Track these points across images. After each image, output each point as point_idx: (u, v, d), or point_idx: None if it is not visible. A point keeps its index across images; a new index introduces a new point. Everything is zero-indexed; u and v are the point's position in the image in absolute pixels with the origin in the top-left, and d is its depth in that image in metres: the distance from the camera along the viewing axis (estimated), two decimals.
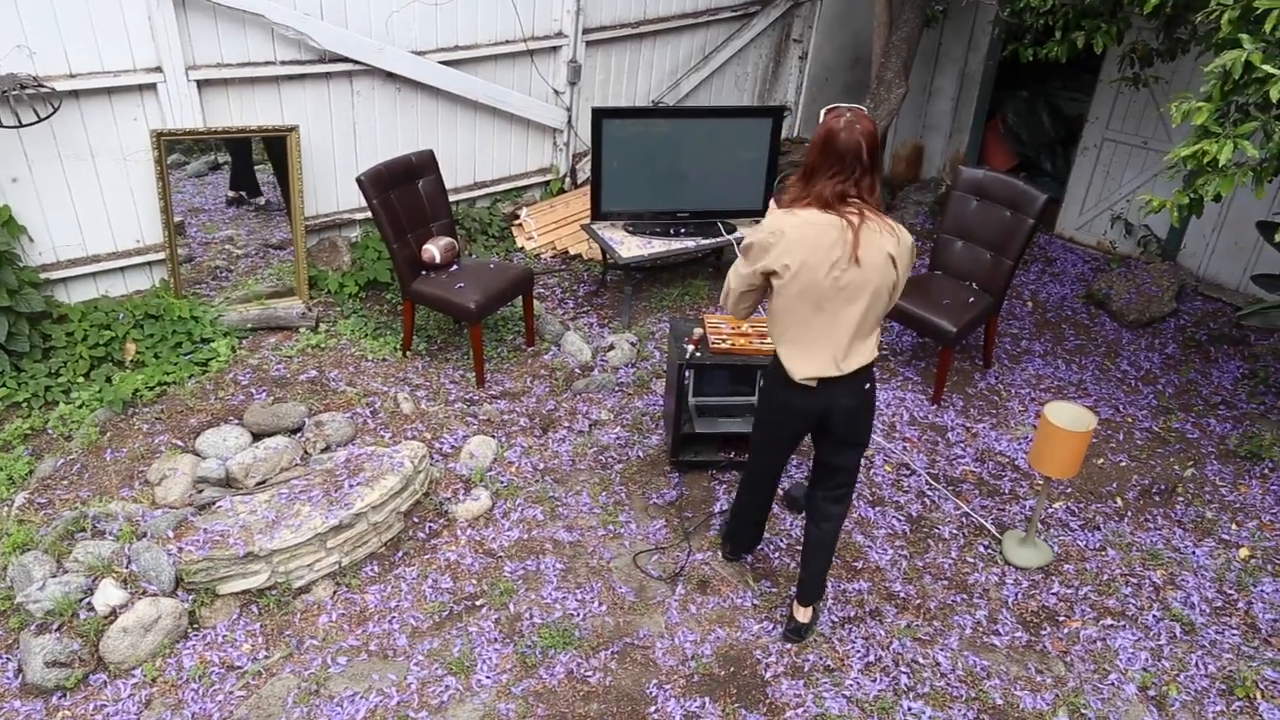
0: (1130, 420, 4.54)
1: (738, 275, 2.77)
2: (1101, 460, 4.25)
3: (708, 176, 5.13)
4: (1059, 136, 6.84)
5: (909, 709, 3.00)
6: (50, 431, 3.85)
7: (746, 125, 5.07)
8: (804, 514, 3.30)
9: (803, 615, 3.19)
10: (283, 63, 4.52)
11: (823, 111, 2.66)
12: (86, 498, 3.53)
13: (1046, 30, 4.87)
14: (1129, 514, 3.93)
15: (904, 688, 3.08)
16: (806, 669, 3.12)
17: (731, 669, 3.12)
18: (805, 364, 2.74)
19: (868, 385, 2.83)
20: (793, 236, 2.59)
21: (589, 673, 3.07)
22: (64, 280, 4.31)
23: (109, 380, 4.08)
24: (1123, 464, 4.24)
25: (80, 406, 3.95)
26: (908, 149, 7.05)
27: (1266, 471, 4.19)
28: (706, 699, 3.00)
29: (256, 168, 5.59)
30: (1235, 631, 3.37)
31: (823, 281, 2.60)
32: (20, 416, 3.89)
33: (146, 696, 2.91)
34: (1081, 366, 4.95)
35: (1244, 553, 3.72)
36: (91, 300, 4.37)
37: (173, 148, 5.04)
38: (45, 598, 2.97)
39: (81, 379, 4.07)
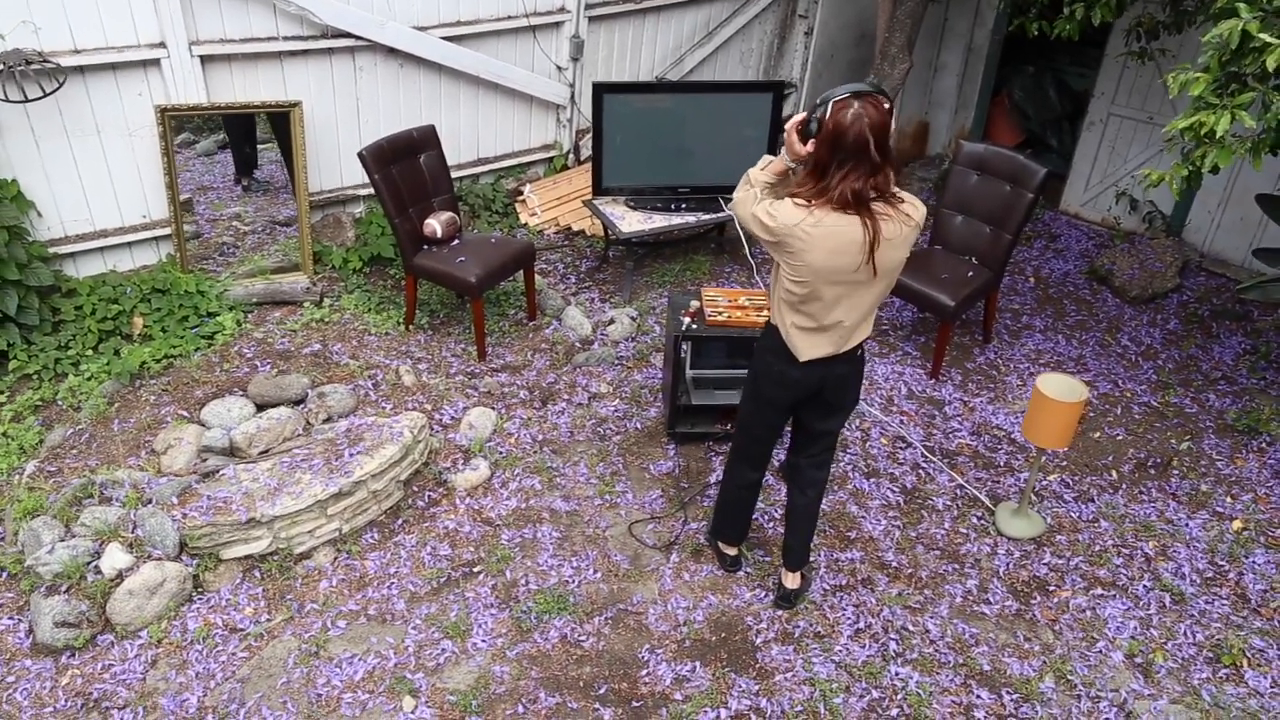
0: (1129, 395, 4.54)
1: (746, 216, 2.65)
2: (1098, 434, 4.27)
3: (709, 152, 5.14)
4: (1066, 112, 6.79)
5: (896, 673, 3.04)
6: (60, 402, 3.93)
7: (747, 100, 5.07)
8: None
9: (791, 581, 3.24)
10: (285, 38, 4.56)
11: (829, 100, 2.44)
12: (94, 466, 3.61)
13: (1053, 4, 4.84)
14: (1123, 486, 3.95)
15: (892, 653, 3.13)
16: (797, 635, 3.18)
17: (723, 634, 3.18)
18: (812, 348, 2.74)
19: (860, 351, 2.86)
20: (812, 238, 2.50)
21: (582, 637, 3.14)
22: (72, 255, 4.39)
23: (117, 353, 4.15)
24: (1119, 438, 4.25)
25: (89, 378, 4.03)
26: (913, 125, 7.03)
27: (1264, 445, 4.19)
28: (697, 663, 3.06)
29: (265, 146, 5.64)
30: (1225, 601, 3.39)
31: (839, 286, 2.59)
32: (31, 388, 3.98)
33: (152, 657, 3.00)
34: (1082, 342, 4.95)
35: (1237, 525, 3.74)
36: (100, 275, 4.44)
37: (182, 126, 5.10)
38: (54, 561, 3.05)
39: (90, 351, 4.14)
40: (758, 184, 2.68)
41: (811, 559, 3.42)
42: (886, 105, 2.44)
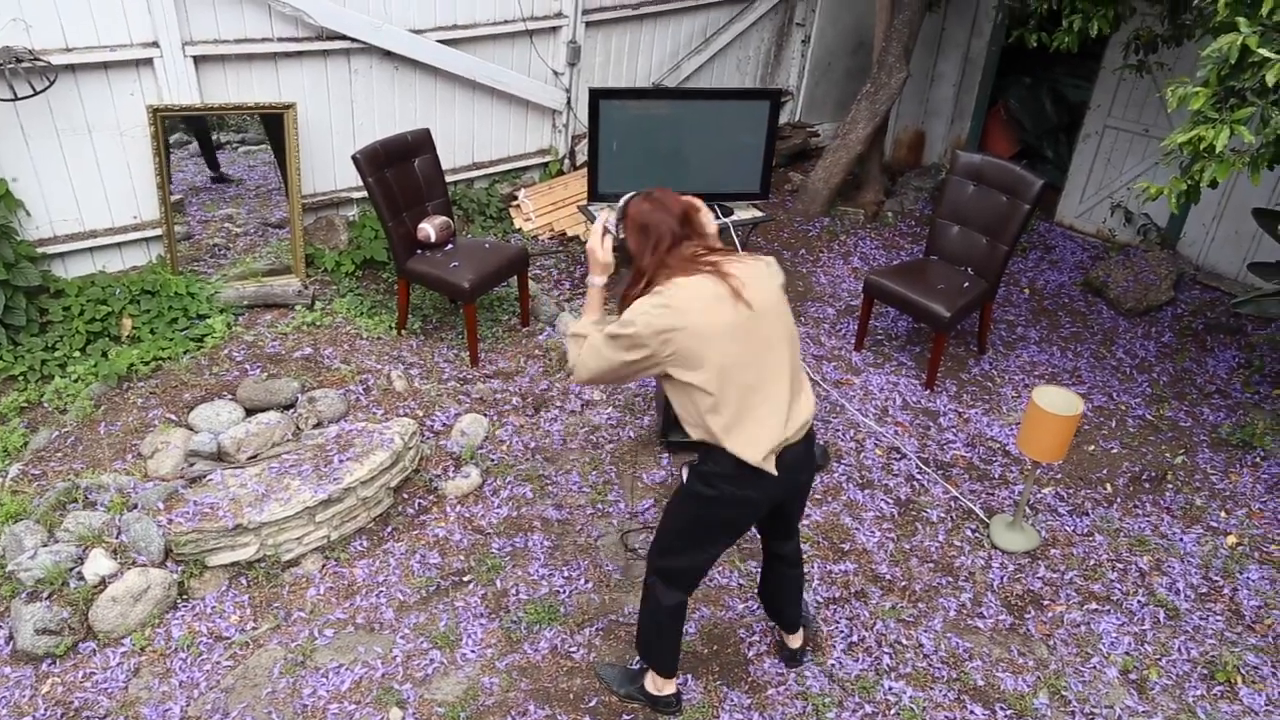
0: (1123, 408, 4.53)
1: (606, 359, 2.32)
2: (1093, 447, 4.25)
3: (705, 159, 5.10)
4: (1061, 123, 6.80)
5: (889, 688, 3.01)
6: (45, 405, 3.88)
7: (744, 107, 5.03)
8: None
9: (795, 641, 3.06)
10: (280, 40, 4.52)
11: (624, 202, 2.45)
12: (80, 470, 3.56)
13: (1052, 15, 4.84)
14: (1118, 500, 3.94)
15: (886, 668, 3.10)
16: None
17: (715, 647, 3.14)
18: (758, 439, 2.34)
19: (811, 434, 2.54)
20: (681, 309, 2.26)
21: (573, 648, 3.10)
22: (61, 255, 4.34)
23: (105, 355, 4.10)
24: (1114, 451, 4.24)
25: (76, 380, 3.97)
26: (909, 134, 7.02)
27: (1258, 460, 4.18)
28: (689, 676, 3.02)
29: (258, 147, 5.60)
30: (1219, 617, 3.38)
31: (735, 344, 2.30)
32: (16, 390, 3.92)
33: (135, 665, 2.95)
34: (1076, 354, 4.94)
35: (1231, 540, 3.72)
36: (88, 275, 4.39)
37: (175, 126, 5.05)
38: (36, 566, 3.00)
39: (78, 353, 4.09)
40: (588, 329, 2.42)
41: (809, 613, 3.23)
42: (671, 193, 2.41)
